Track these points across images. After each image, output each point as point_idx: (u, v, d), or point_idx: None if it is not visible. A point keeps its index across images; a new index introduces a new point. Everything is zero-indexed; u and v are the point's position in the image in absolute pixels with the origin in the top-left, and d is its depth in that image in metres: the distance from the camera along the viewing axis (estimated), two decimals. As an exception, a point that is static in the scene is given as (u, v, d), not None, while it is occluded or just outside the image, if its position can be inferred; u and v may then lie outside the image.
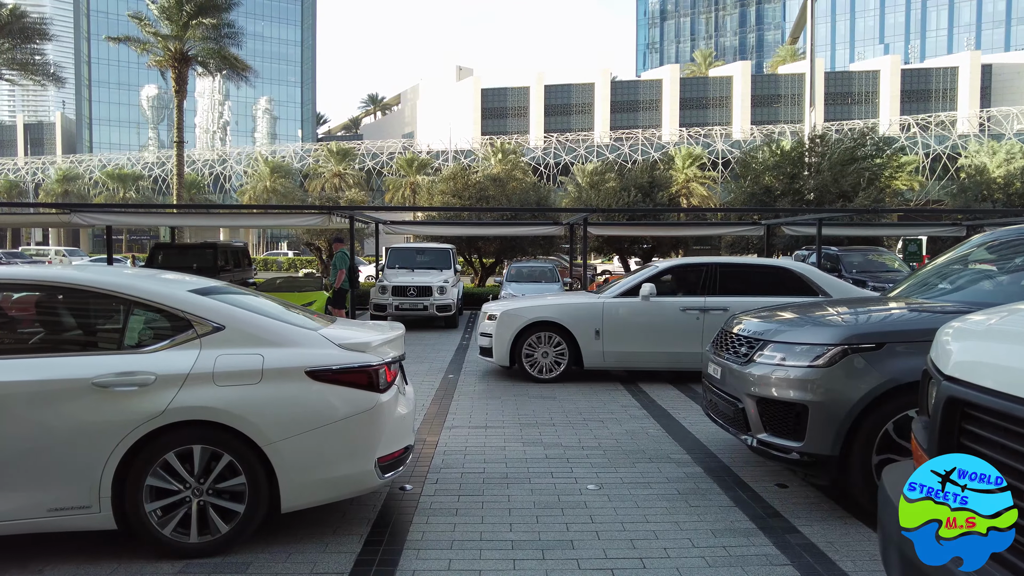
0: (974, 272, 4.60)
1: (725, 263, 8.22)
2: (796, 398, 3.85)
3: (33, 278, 3.53)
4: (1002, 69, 67.74)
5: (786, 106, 70.57)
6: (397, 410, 3.68)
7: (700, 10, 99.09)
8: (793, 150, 23.90)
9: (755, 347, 4.20)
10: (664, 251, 27.95)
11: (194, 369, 3.24)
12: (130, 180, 61.67)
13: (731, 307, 7.67)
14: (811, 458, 3.81)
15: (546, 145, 63.08)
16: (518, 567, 3.21)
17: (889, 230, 19.76)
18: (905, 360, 3.62)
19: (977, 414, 1.82)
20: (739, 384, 4.22)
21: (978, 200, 28.93)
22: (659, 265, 8.36)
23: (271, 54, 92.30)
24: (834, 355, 3.76)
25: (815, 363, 3.81)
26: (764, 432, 4.03)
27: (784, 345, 4.02)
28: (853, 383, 3.68)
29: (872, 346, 3.72)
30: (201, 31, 26.32)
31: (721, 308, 7.74)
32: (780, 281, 7.93)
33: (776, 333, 4.16)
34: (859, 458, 3.69)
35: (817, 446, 3.77)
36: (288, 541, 3.47)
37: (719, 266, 8.09)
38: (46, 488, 3.10)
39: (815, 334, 3.96)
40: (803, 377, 3.84)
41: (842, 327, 3.96)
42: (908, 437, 3.65)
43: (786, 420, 3.92)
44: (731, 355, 4.45)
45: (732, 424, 4.37)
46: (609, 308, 7.88)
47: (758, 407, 4.05)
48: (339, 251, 12.11)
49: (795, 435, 3.87)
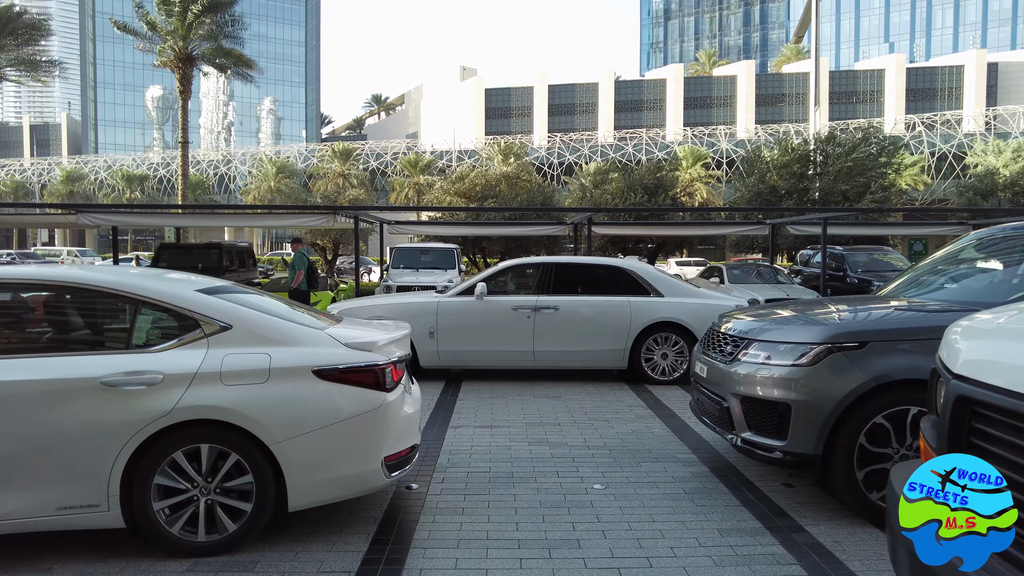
0: (963, 270, 4.61)
1: (561, 263, 8.32)
2: (779, 397, 3.84)
3: (41, 278, 3.55)
4: (1008, 67, 67.39)
5: (791, 105, 70.39)
6: (403, 409, 3.69)
7: (704, 9, 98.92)
8: (800, 148, 23.85)
9: (740, 346, 4.20)
10: (669, 250, 27.90)
11: (201, 368, 3.25)
12: (135, 181, 61.93)
13: (562, 306, 7.84)
14: (794, 457, 3.81)
15: (550, 145, 63.06)
16: (525, 566, 3.21)
17: (894, 229, 19.70)
18: (888, 359, 3.62)
19: (987, 413, 1.81)
20: (724, 383, 4.22)
21: (984, 199, 28.81)
22: (500, 265, 8.53)
23: (275, 55, 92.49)
24: (818, 354, 3.75)
25: (799, 362, 3.81)
26: (748, 431, 4.03)
27: (768, 344, 4.03)
28: (836, 382, 3.67)
29: (855, 345, 3.71)
30: (205, 29, 26.40)
31: (552, 307, 7.85)
32: (613, 280, 8.08)
33: (761, 332, 4.17)
34: (841, 457, 3.68)
35: (800, 445, 3.77)
36: (295, 540, 3.48)
37: (555, 266, 8.21)
38: (55, 487, 3.12)
39: (799, 333, 3.96)
40: (786, 376, 3.83)
41: (826, 326, 3.96)
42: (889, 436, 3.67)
43: (769, 419, 3.92)
44: (717, 354, 4.46)
45: (718, 423, 4.38)
46: (444, 308, 7.92)
47: (742, 406, 4.05)
48: (297, 251, 12.26)
49: (778, 434, 3.87)
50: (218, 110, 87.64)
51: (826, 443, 3.71)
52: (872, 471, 3.69)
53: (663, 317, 7.82)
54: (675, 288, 8.10)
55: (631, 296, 7.93)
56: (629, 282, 8.05)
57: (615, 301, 7.91)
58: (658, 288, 7.98)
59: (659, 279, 8.12)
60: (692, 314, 7.83)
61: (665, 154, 52.55)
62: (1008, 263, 4.22)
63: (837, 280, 15.67)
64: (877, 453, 3.68)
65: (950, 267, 4.71)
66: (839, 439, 3.68)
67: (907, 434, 3.65)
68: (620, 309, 7.86)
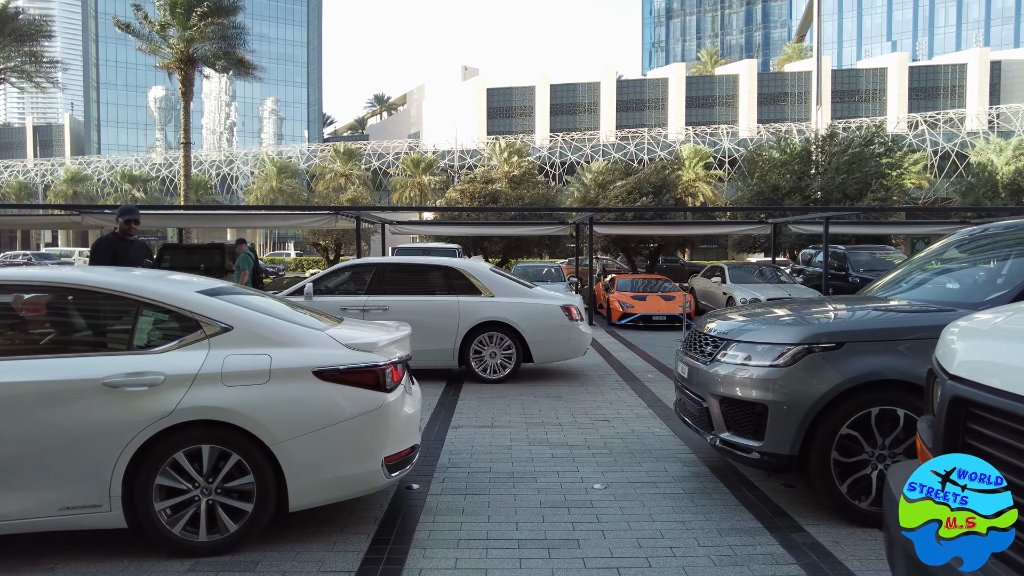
0: (944, 270, 4.62)
1: (395, 263, 8.45)
2: (757, 397, 3.85)
3: (43, 279, 3.56)
4: (1011, 66, 67.19)
5: (793, 104, 70.28)
6: (404, 410, 3.70)
7: (706, 8, 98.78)
8: (802, 148, 23.84)
9: (720, 346, 4.21)
10: (671, 250, 27.89)
11: (203, 369, 3.26)
12: (138, 181, 62.03)
13: (392, 306, 7.91)
14: (770, 458, 3.81)
15: (552, 145, 63.04)
16: (524, 566, 3.22)
17: (897, 228, 19.68)
18: (865, 359, 3.63)
19: (983, 413, 1.81)
20: (704, 383, 4.23)
21: (986, 198, 28.74)
22: (336, 266, 8.70)
23: (277, 55, 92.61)
24: (795, 354, 3.76)
25: (776, 362, 3.81)
26: (727, 431, 4.04)
27: (747, 344, 4.03)
28: (813, 382, 3.67)
29: (832, 345, 3.72)
30: (207, 32, 26.45)
31: (381, 307, 7.92)
32: (447, 280, 8.16)
33: (740, 332, 4.18)
34: (818, 458, 3.68)
35: (776, 446, 3.77)
36: (296, 540, 3.49)
37: (388, 266, 8.33)
38: (57, 487, 3.13)
39: (777, 333, 3.96)
40: (764, 376, 3.84)
41: (804, 326, 3.97)
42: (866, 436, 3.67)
43: (747, 419, 3.92)
44: (698, 354, 4.47)
45: (698, 423, 4.39)
46: None
47: (721, 406, 4.05)
48: (243, 252, 12.30)
49: (755, 434, 3.87)
50: (220, 110, 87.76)
51: (803, 443, 3.71)
52: (849, 472, 3.70)
53: (491, 317, 7.90)
54: (508, 288, 8.15)
55: (462, 296, 8.00)
56: (463, 283, 8.10)
57: (444, 301, 7.98)
58: (490, 288, 8.04)
59: (492, 280, 8.16)
60: (519, 314, 7.91)
61: (667, 153, 52.48)
62: (993, 262, 4.23)
63: (839, 279, 15.65)
64: (854, 453, 3.68)
65: (935, 266, 4.72)
66: (816, 439, 3.68)
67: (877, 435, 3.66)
68: (449, 309, 7.94)
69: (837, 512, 3.75)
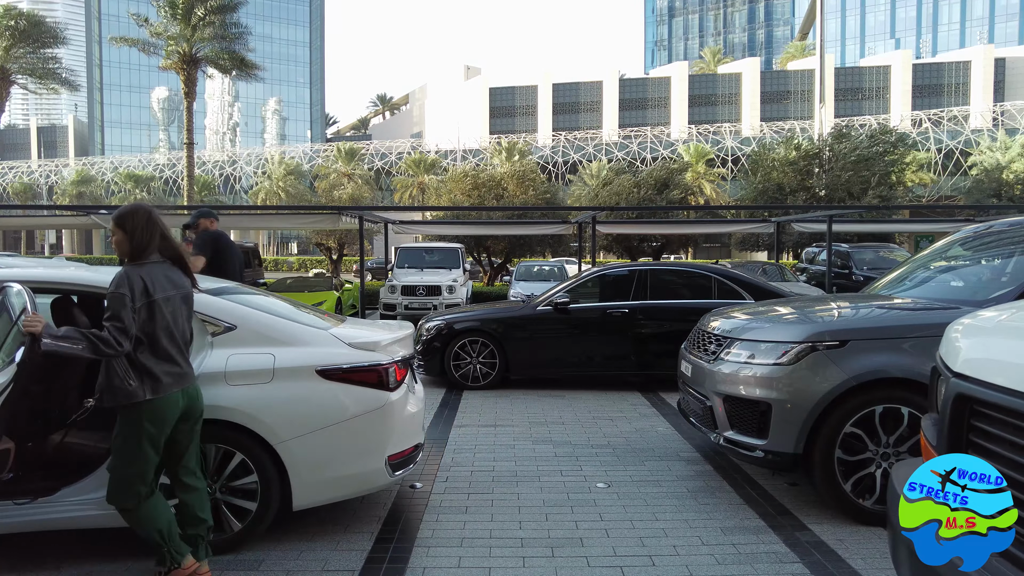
0: (948, 268, 4.61)
1: None
2: (761, 396, 3.85)
3: (47, 279, 3.57)
4: (1016, 63, 66.90)
5: (796, 102, 70.08)
6: (407, 408, 3.70)
7: (708, 7, 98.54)
8: (812, 146, 23.80)
9: (723, 345, 4.21)
10: (673, 249, 27.85)
11: (206, 368, 3.27)
12: (142, 182, 62.22)
13: None
14: (774, 456, 3.81)
15: (554, 143, 63.00)
16: (528, 564, 3.23)
17: (900, 226, 19.64)
18: (869, 357, 3.62)
19: (987, 411, 1.81)
20: (708, 382, 4.23)
21: (991, 195, 28.64)
22: None
23: (279, 55, 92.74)
24: (799, 352, 3.75)
25: (780, 361, 3.81)
26: (730, 430, 4.04)
27: (751, 343, 4.03)
28: (816, 380, 3.67)
29: (836, 343, 3.71)
30: (210, 31, 26.50)
31: None
32: None
33: (744, 331, 4.18)
34: (822, 456, 3.68)
35: (780, 444, 3.76)
36: (299, 538, 3.50)
37: None
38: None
39: (781, 332, 3.96)
40: (768, 375, 3.83)
41: (807, 325, 3.97)
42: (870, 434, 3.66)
43: (751, 418, 3.92)
44: (702, 353, 4.47)
45: (702, 422, 4.40)
46: None
47: (725, 405, 4.05)
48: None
49: (759, 433, 3.87)
50: (223, 111, 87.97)
51: (806, 441, 3.71)
52: (853, 470, 3.69)
53: None
54: None
55: None
56: None
57: None
58: None
59: None
60: None
61: (670, 152, 52.43)
62: (997, 260, 4.22)
63: (843, 278, 15.61)
64: (858, 451, 3.68)
65: (939, 264, 4.71)
66: (819, 437, 3.68)
67: (881, 433, 3.65)
68: None
69: (841, 511, 3.75)
